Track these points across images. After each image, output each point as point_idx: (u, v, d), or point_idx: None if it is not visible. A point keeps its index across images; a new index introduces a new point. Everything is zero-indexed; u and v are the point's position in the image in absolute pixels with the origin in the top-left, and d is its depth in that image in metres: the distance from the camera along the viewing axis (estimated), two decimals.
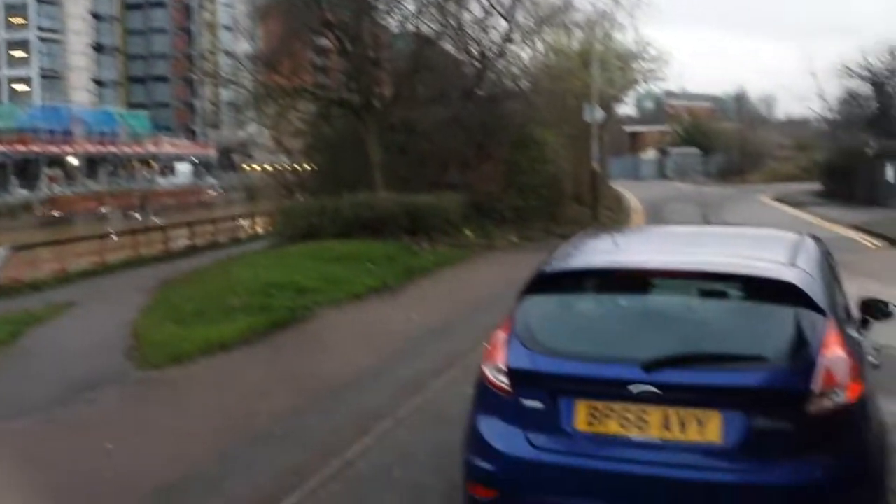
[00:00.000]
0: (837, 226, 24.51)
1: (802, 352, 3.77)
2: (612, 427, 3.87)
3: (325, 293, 13.30)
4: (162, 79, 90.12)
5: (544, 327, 4.27)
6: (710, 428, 3.74)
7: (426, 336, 10.68)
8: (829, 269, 4.72)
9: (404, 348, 10.02)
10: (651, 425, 3.82)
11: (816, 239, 5.13)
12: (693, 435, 3.76)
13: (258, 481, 5.84)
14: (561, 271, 4.48)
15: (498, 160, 23.75)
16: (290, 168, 29.35)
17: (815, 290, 3.98)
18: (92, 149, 70.71)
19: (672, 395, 3.79)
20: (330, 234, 19.15)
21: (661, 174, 66.30)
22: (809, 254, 4.55)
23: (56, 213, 55.31)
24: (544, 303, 4.38)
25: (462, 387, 5.56)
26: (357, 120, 22.87)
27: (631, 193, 40.34)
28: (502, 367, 4.17)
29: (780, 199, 35.84)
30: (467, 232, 21.32)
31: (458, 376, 8.02)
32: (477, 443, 4.20)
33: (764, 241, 5.09)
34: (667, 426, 3.80)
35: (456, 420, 4.65)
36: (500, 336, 4.32)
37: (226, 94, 51.20)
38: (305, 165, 27.74)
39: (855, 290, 5.81)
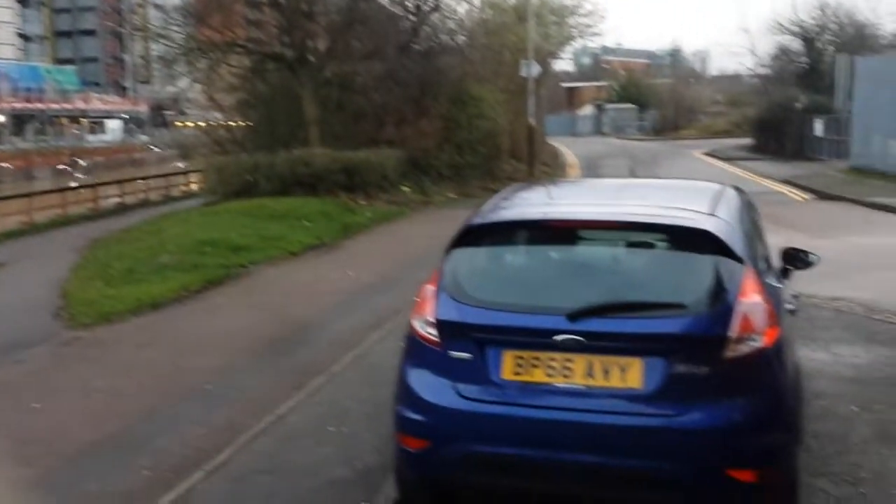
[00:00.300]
0: (767, 180, 25.05)
1: (720, 299, 3.86)
2: (538, 376, 3.93)
3: (260, 251, 13.20)
4: (90, 33, 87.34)
5: (472, 279, 4.29)
6: (631, 374, 3.82)
7: (362, 292, 10.68)
8: (750, 219, 4.82)
9: (340, 304, 10.01)
10: (575, 373, 3.89)
11: (738, 190, 5.23)
12: (616, 381, 3.84)
13: (189, 438, 5.81)
14: (488, 224, 4.50)
15: (435, 116, 23.65)
16: (223, 125, 28.80)
17: (733, 239, 4.06)
18: (18, 105, 68.42)
19: (596, 344, 3.85)
20: (265, 191, 18.94)
21: (598, 130, 66.73)
22: (730, 204, 4.64)
23: (6, 165, 53.73)
24: (472, 255, 4.41)
25: (397, 341, 5.57)
26: (291, 75, 22.50)
27: (568, 149, 40.61)
28: (430, 319, 4.19)
29: (712, 154, 36.40)
30: (405, 188, 21.27)
31: (393, 331, 8.02)
32: (407, 395, 4.23)
33: (687, 192, 5.17)
34: (590, 374, 3.87)
35: (390, 374, 4.66)
36: (429, 289, 4.34)
37: (157, 49, 49.83)
38: (239, 122, 27.25)
39: (782, 241, 5.97)
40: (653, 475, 3.80)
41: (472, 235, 4.42)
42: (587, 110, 73.27)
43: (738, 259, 3.97)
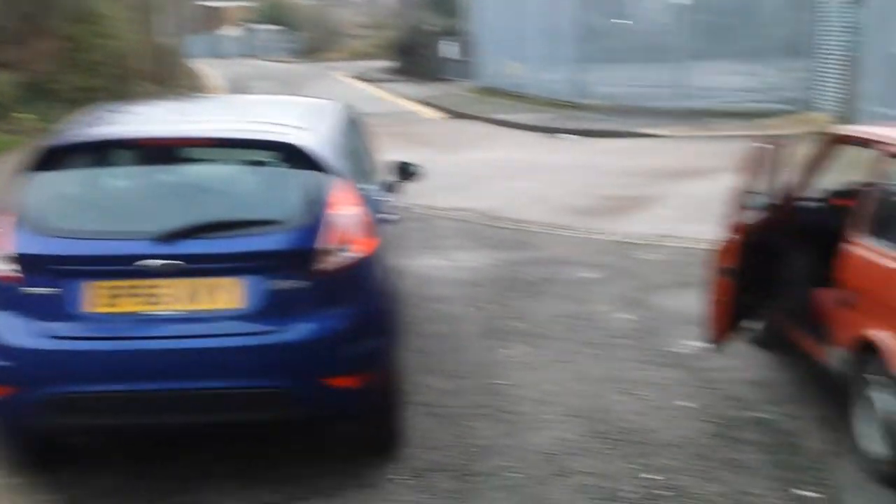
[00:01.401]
0: (404, 100, 25.95)
1: (312, 212, 3.85)
2: (128, 305, 3.72)
3: None
4: None
5: (52, 207, 3.93)
6: (232, 295, 3.74)
7: None
8: (352, 134, 4.89)
9: None
10: (173, 299, 3.72)
11: (344, 106, 5.28)
12: (217, 303, 3.74)
13: None
14: (66, 145, 4.11)
15: (54, 36, 21.56)
16: None
17: (324, 153, 4.05)
18: None
19: (191, 267, 3.71)
20: None
21: (247, 52, 65.18)
22: (329, 119, 4.65)
23: None
24: (51, 180, 4.01)
25: None
26: None
27: (214, 71, 39.17)
28: (7, 254, 3.78)
29: (355, 77, 37.04)
30: (22, 115, 19.25)
31: None
32: None
33: (289, 107, 5.13)
34: (190, 298, 3.73)
35: None
36: (3, 221, 3.90)
37: None
38: None
39: (413, 157, 6.19)
40: (260, 393, 3.78)
41: (50, 159, 4.02)
42: (234, 31, 71.16)
43: (331, 172, 3.99)
